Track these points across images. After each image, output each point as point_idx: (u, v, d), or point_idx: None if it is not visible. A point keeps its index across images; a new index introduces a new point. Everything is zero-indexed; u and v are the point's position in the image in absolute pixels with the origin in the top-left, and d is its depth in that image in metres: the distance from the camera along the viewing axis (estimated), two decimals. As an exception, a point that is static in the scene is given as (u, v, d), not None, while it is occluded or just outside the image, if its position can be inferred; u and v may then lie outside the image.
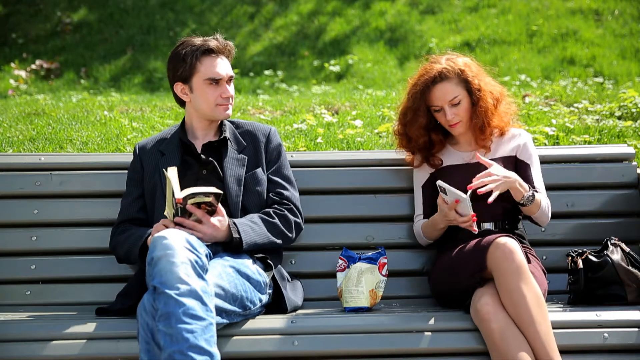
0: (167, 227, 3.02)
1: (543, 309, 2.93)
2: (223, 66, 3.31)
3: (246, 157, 3.37)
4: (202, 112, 3.36)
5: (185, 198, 2.97)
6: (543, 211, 3.36)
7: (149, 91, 8.44)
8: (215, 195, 3.00)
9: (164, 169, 3.15)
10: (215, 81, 3.29)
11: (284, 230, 3.29)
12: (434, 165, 3.50)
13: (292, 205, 3.36)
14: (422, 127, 3.46)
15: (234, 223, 3.15)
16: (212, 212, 3.06)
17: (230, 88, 3.34)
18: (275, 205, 3.34)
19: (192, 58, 3.26)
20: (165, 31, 9.86)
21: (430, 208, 3.50)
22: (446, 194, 3.21)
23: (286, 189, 3.38)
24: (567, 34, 9.09)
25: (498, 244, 3.02)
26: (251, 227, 3.18)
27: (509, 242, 3.02)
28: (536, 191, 3.37)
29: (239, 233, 3.12)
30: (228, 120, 3.47)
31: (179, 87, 3.33)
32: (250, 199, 3.31)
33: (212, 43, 3.29)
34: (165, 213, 3.11)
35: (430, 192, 3.51)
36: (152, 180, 3.32)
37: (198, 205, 3.01)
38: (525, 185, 3.29)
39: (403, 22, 9.66)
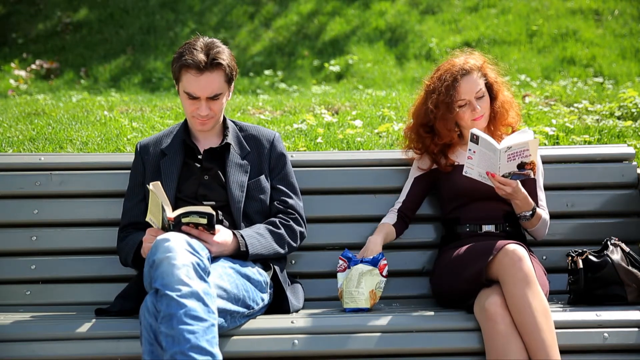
0: (155, 236, 3.00)
1: (549, 319, 2.91)
2: (203, 85, 3.17)
3: (249, 164, 3.35)
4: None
5: (178, 217, 2.95)
6: (541, 226, 3.39)
7: (149, 91, 8.44)
8: (209, 217, 2.96)
9: (147, 185, 3.13)
10: (193, 97, 3.22)
11: (290, 240, 3.29)
12: (445, 167, 3.49)
13: (296, 215, 3.35)
14: (454, 121, 3.45)
15: (242, 236, 3.14)
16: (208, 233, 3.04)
17: (214, 104, 3.23)
18: (280, 215, 3.33)
19: (176, 65, 3.20)
20: (165, 31, 9.86)
21: (411, 202, 3.53)
22: (477, 144, 3.18)
23: (291, 197, 3.37)
24: (567, 34, 9.09)
25: (507, 250, 3.02)
26: (257, 239, 3.17)
27: (517, 250, 3.01)
28: (539, 207, 3.41)
29: (246, 247, 3.12)
30: (232, 121, 3.46)
31: (175, 82, 3.33)
32: (252, 206, 3.30)
33: (197, 58, 3.14)
34: (147, 219, 3.09)
35: (420, 188, 3.54)
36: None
37: (195, 226, 2.99)
38: (529, 205, 3.30)
39: (403, 22, 9.66)
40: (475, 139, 3.18)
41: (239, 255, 3.12)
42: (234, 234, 3.13)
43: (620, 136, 4.72)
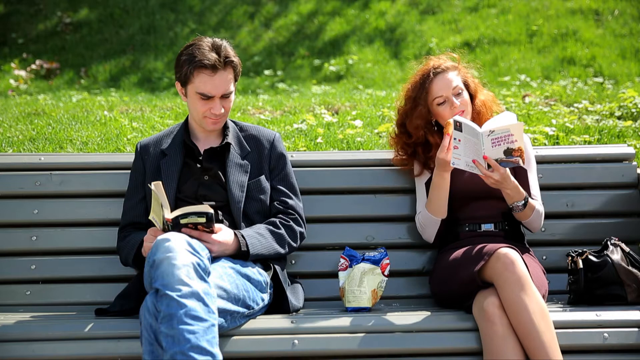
0: (155, 236, 2.99)
1: (547, 320, 2.90)
2: (217, 83, 3.19)
3: (249, 164, 3.35)
4: (192, 117, 3.36)
5: (176, 218, 2.94)
6: (535, 217, 3.35)
7: (149, 91, 8.44)
8: (208, 216, 2.95)
9: (148, 184, 3.13)
10: (207, 97, 3.22)
11: (290, 240, 3.29)
12: (433, 169, 3.48)
13: (296, 215, 3.36)
14: (422, 117, 3.44)
15: (242, 235, 3.14)
16: (208, 231, 3.02)
17: (226, 102, 3.24)
18: (281, 215, 3.33)
19: (188, 67, 3.19)
20: (165, 31, 9.86)
21: None
22: (461, 131, 3.13)
23: (291, 197, 3.38)
24: (567, 34, 9.09)
25: (499, 255, 3.00)
26: (258, 239, 3.17)
27: (509, 253, 3.00)
28: (532, 198, 3.38)
29: (247, 246, 3.12)
30: (232, 121, 3.46)
31: (178, 86, 3.32)
32: (252, 206, 3.30)
33: (212, 58, 3.16)
34: (150, 218, 3.08)
35: None
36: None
37: (194, 225, 2.98)
38: (520, 195, 3.27)
39: (403, 22, 9.67)
40: (458, 127, 3.13)
41: (240, 255, 3.12)
42: (234, 234, 3.13)
43: (620, 136, 4.72)
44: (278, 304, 3.24)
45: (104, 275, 3.54)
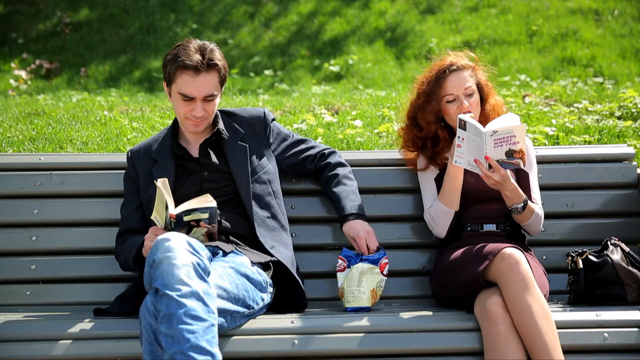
0: (157, 235, 2.98)
1: (550, 321, 2.91)
2: (200, 85, 3.17)
3: (247, 145, 3.36)
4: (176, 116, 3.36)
5: (180, 214, 2.94)
6: (534, 221, 3.35)
7: (149, 91, 8.44)
8: (210, 211, 2.94)
9: (154, 180, 3.13)
10: (188, 98, 3.21)
11: (348, 172, 3.49)
12: (440, 164, 3.47)
13: (326, 151, 3.51)
14: (434, 112, 3.44)
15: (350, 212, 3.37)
16: (211, 230, 3.00)
17: (209, 105, 3.22)
18: (321, 163, 3.48)
19: (172, 67, 3.18)
20: (165, 31, 9.86)
21: None
22: (465, 130, 3.14)
23: (309, 143, 3.51)
24: (567, 34, 9.09)
25: (503, 254, 3.01)
26: (353, 199, 3.41)
27: (514, 253, 3.00)
28: (532, 201, 3.37)
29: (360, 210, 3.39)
30: (219, 110, 3.43)
31: (164, 86, 3.32)
32: (260, 188, 3.31)
33: (194, 59, 3.14)
34: (152, 217, 3.08)
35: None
36: (147, 191, 3.30)
37: (197, 222, 2.98)
38: (520, 197, 3.27)
39: (403, 22, 9.67)
40: (463, 125, 3.14)
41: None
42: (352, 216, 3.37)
43: (620, 136, 4.73)
44: (279, 305, 3.23)
45: (104, 276, 3.54)
